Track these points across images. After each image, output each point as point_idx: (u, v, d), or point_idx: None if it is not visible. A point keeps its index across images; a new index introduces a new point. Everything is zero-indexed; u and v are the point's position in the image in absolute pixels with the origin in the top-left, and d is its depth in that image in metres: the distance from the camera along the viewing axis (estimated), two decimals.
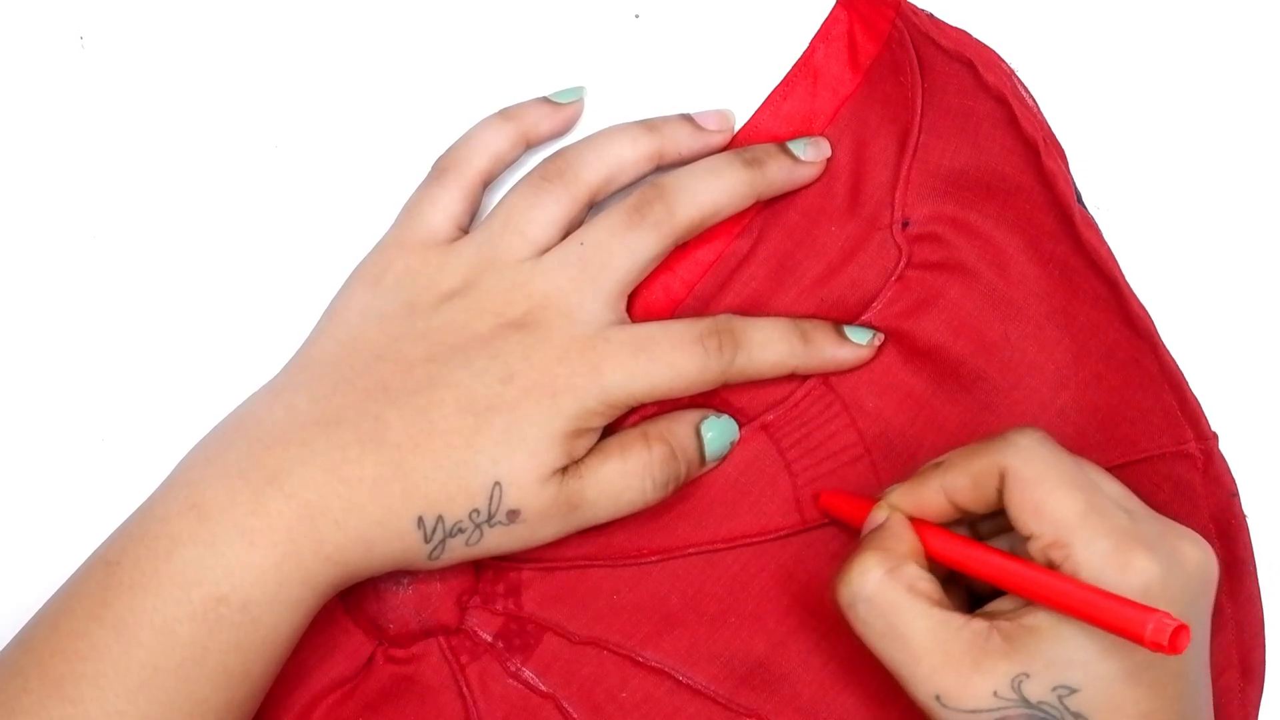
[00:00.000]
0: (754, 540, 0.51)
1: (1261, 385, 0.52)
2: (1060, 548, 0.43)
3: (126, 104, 0.52)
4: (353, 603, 0.50)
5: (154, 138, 0.52)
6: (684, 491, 0.51)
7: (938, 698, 0.43)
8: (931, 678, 0.43)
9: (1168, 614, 0.40)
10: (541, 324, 0.47)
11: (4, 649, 0.45)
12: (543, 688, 0.51)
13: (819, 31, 0.52)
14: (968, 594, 0.48)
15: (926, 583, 0.45)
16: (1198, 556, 0.44)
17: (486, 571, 0.51)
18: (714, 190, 0.49)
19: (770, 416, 0.51)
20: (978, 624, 0.44)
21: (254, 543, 0.44)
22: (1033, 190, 0.50)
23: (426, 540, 0.46)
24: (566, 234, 0.49)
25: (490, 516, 0.46)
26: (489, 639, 0.51)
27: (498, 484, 0.46)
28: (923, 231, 0.51)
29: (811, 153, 0.51)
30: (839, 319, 0.52)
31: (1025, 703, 0.43)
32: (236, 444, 0.46)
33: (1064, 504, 0.43)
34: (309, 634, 0.48)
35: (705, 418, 0.50)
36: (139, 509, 0.46)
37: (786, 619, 0.51)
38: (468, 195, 0.50)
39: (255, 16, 0.52)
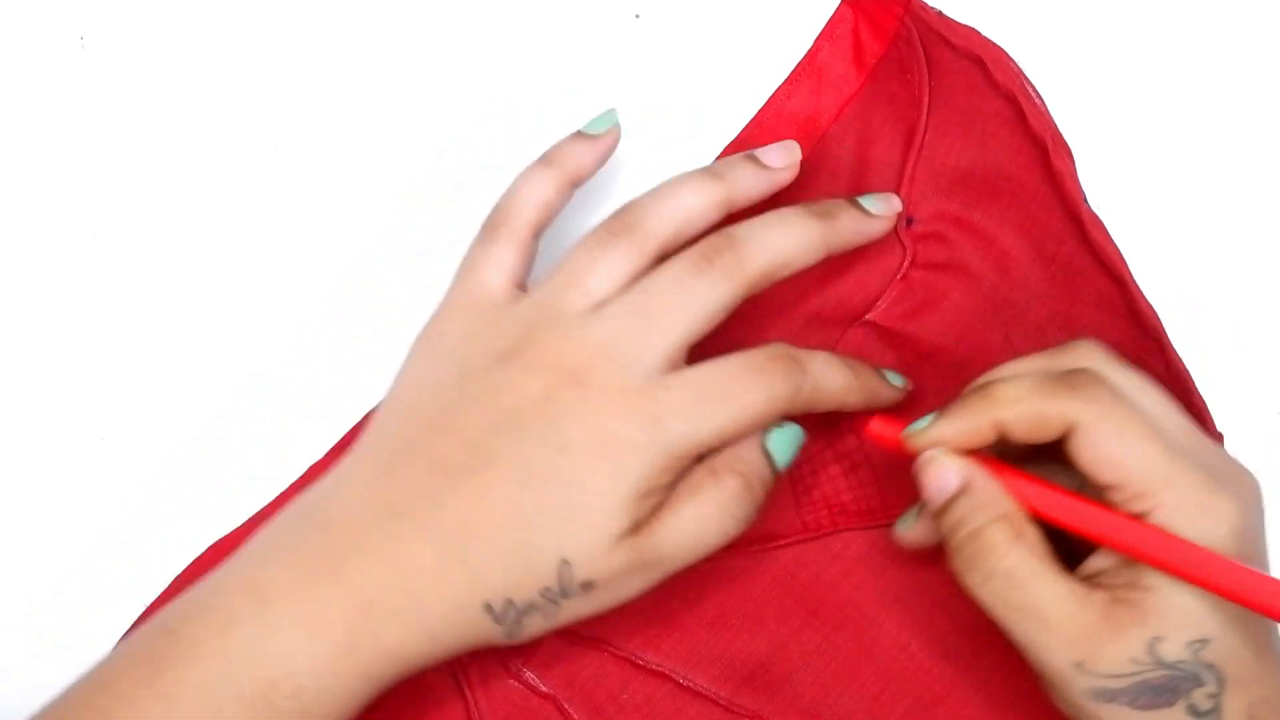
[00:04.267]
0: (754, 549, 0.51)
1: (1268, 386, 0.51)
2: (1144, 500, 0.43)
3: (126, 104, 0.52)
4: None
5: (154, 138, 0.52)
6: None
7: (1078, 665, 0.43)
8: (1069, 647, 0.43)
9: None
10: (595, 377, 0.45)
11: (53, 699, 0.44)
12: (543, 688, 0.51)
13: (823, 30, 0.52)
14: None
15: (1043, 545, 0.44)
16: (1252, 482, 0.44)
17: None
18: (785, 240, 0.47)
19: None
20: (1100, 594, 0.43)
21: (310, 632, 0.43)
22: (1038, 190, 0.50)
23: (498, 622, 0.45)
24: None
25: (564, 592, 0.45)
26: None
27: (565, 561, 0.45)
28: (927, 230, 0.51)
29: (882, 207, 0.50)
30: (842, 318, 0.52)
31: (1163, 664, 0.42)
32: (298, 527, 0.46)
33: (1145, 458, 0.43)
34: None
35: (770, 431, 0.48)
36: (204, 578, 0.45)
37: (788, 620, 0.51)
38: (521, 249, 0.48)
39: (255, 16, 0.52)
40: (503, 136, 0.52)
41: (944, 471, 0.45)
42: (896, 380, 0.50)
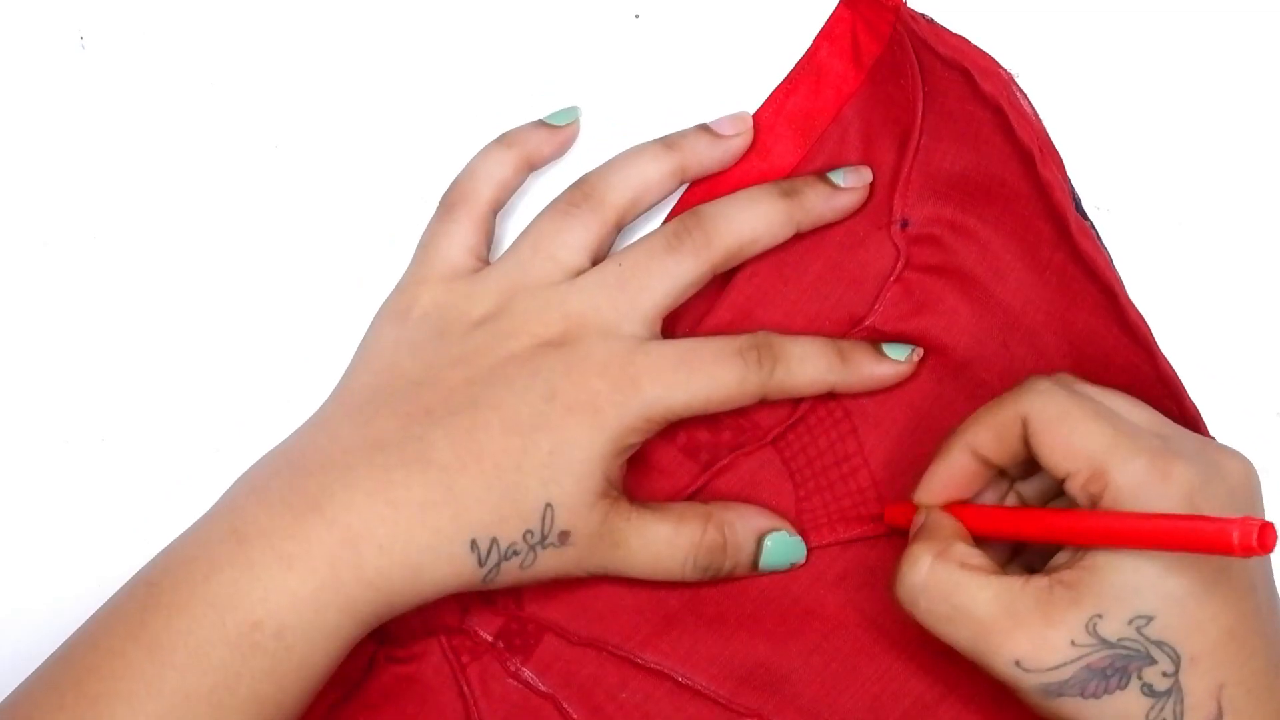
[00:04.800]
0: None
1: (1267, 386, 0.52)
2: (1097, 478, 0.43)
3: (126, 104, 0.52)
4: None
5: (154, 138, 0.52)
6: (687, 498, 0.51)
7: (1017, 663, 0.43)
8: (1006, 644, 0.43)
9: (1248, 517, 0.39)
10: (580, 341, 0.47)
11: (45, 663, 0.45)
12: (542, 688, 0.51)
13: (822, 30, 0.52)
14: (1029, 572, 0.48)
15: (978, 558, 0.45)
16: (1240, 468, 0.44)
17: None
18: (752, 219, 0.49)
19: (777, 428, 0.51)
20: (1038, 580, 0.43)
21: (292, 567, 0.44)
22: (1031, 197, 0.50)
23: (481, 564, 0.46)
24: (595, 259, 0.49)
25: (543, 538, 0.46)
26: (489, 639, 0.51)
27: (549, 505, 0.46)
28: (921, 233, 0.51)
29: (852, 179, 0.51)
30: (840, 319, 0.52)
31: (1105, 644, 0.42)
32: (280, 472, 0.46)
33: (1092, 435, 0.43)
34: None
35: (775, 531, 0.50)
36: (183, 533, 0.46)
37: (787, 620, 0.51)
38: (480, 226, 0.50)
39: (255, 16, 0.52)
40: None
41: (916, 519, 0.48)
42: (898, 354, 0.51)
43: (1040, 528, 0.45)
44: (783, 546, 0.50)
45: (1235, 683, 0.43)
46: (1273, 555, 0.48)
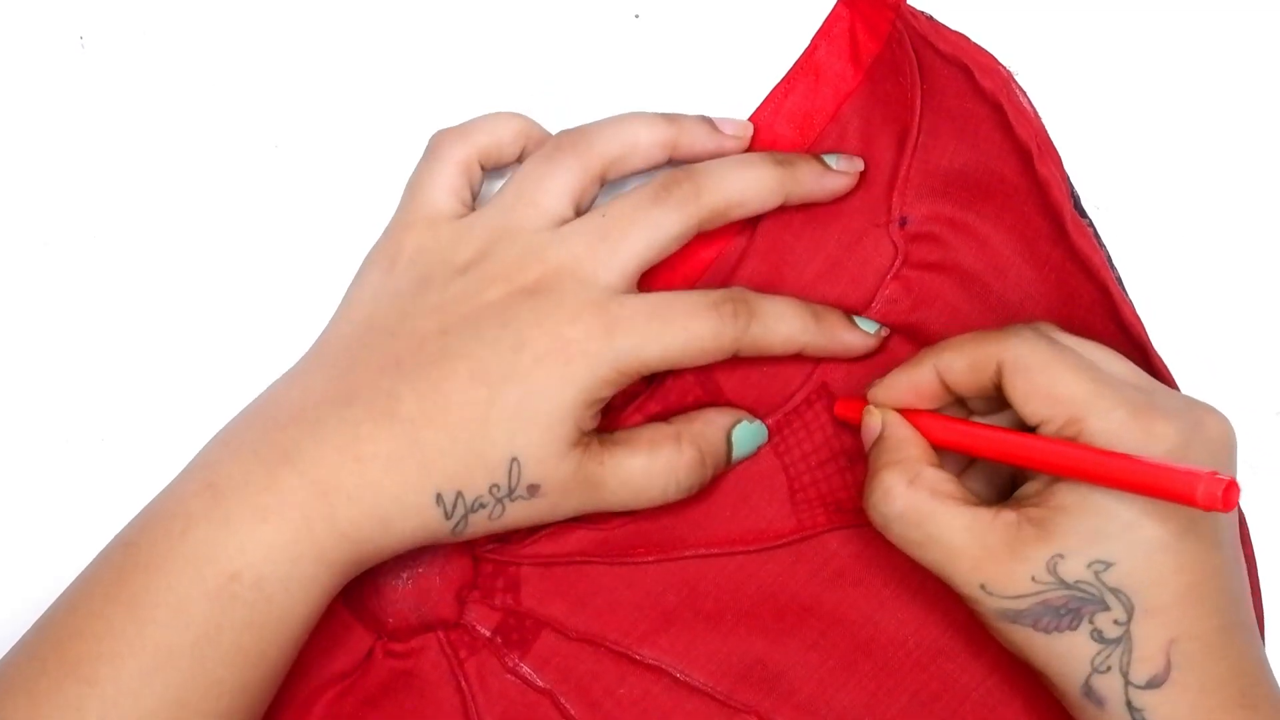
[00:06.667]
0: (751, 549, 0.51)
1: (1268, 386, 0.52)
2: (1074, 425, 0.43)
3: (126, 104, 0.52)
4: (352, 597, 0.50)
5: (154, 138, 0.52)
6: None
7: (982, 587, 0.44)
8: (974, 572, 0.44)
9: (1215, 471, 0.39)
10: (554, 289, 0.47)
11: (25, 634, 0.45)
12: (540, 683, 0.51)
13: (820, 29, 0.52)
14: (992, 475, 0.49)
15: (947, 483, 0.46)
16: (1219, 425, 0.44)
17: (485, 566, 0.51)
18: (742, 180, 0.49)
19: (770, 421, 0.51)
20: (1007, 515, 0.44)
21: (266, 519, 0.44)
22: (1029, 193, 0.50)
23: (448, 517, 0.46)
24: (579, 205, 0.49)
25: (511, 491, 0.46)
26: (487, 634, 0.51)
27: (515, 459, 0.46)
28: (920, 231, 0.51)
29: (845, 164, 0.51)
30: None
31: (1063, 583, 0.43)
32: (253, 425, 0.47)
33: (1072, 384, 0.43)
34: None
35: (738, 422, 0.50)
36: (160, 493, 0.46)
37: (784, 616, 0.51)
38: (465, 170, 0.50)
39: (255, 16, 0.52)
40: None
41: (869, 420, 0.48)
42: (868, 326, 0.51)
43: (1004, 449, 0.45)
44: (748, 433, 0.51)
45: (1190, 638, 0.43)
46: (1251, 516, 0.50)
